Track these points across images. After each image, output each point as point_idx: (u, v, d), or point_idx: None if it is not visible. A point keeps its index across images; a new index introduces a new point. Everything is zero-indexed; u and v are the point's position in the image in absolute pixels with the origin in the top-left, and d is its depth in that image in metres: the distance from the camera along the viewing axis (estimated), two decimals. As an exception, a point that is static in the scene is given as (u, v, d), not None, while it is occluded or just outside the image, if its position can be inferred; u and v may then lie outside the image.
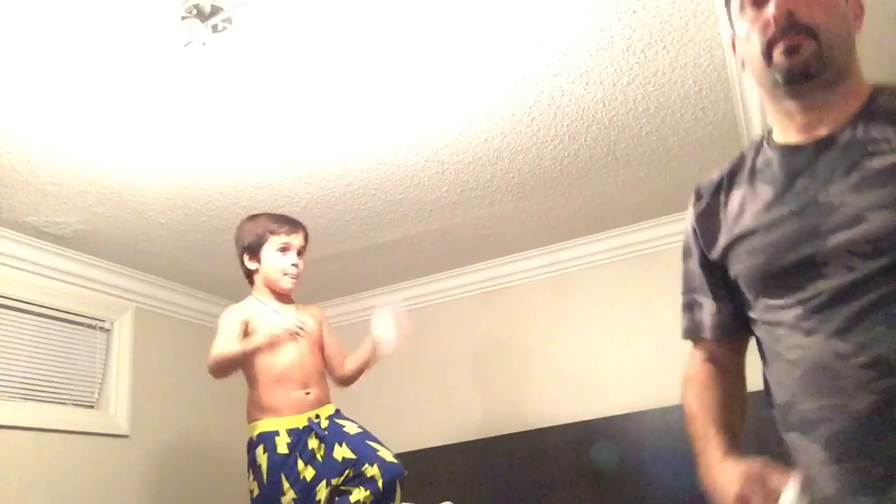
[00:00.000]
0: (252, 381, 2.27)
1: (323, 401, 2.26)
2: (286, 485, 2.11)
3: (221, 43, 1.89)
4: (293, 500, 2.11)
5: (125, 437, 3.16)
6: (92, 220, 2.80)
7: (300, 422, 2.17)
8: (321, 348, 2.34)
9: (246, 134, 2.38)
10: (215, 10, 1.78)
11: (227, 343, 2.17)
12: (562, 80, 2.25)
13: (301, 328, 2.15)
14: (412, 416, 3.68)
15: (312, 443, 2.15)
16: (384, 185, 2.78)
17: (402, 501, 3.18)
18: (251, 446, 2.20)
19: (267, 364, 2.22)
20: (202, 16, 1.78)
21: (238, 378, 3.99)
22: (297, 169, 2.62)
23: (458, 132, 2.48)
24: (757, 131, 2.48)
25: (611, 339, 3.32)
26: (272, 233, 2.29)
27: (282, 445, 2.14)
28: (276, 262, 2.28)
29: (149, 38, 1.88)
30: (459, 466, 3.40)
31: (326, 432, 2.18)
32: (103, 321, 3.23)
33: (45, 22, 1.79)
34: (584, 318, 3.36)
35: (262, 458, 2.14)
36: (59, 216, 2.75)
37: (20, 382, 2.84)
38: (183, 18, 1.78)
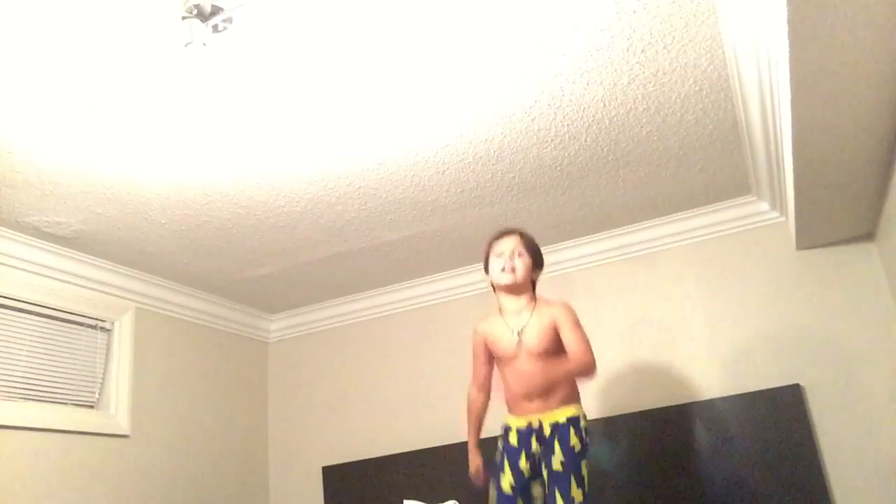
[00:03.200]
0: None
1: (549, 406, 2.32)
2: (507, 467, 2.33)
3: (222, 43, 1.89)
4: (510, 485, 2.31)
5: (125, 437, 3.16)
6: (92, 220, 2.81)
7: (523, 423, 2.34)
8: (552, 353, 2.34)
9: (246, 134, 2.38)
10: (216, 10, 1.78)
11: (471, 386, 2.53)
12: (562, 80, 2.25)
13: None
14: (414, 416, 3.68)
15: (534, 445, 2.31)
16: (384, 185, 2.78)
17: (406, 499, 3.20)
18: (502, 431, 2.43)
19: (502, 376, 2.46)
20: (203, 16, 1.78)
21: (242, 379, 4.00)
22: (297, 169, 2.62)
23: (459, 132, 2.49)
24: (757, 131, 2.48)
25: (610, 340, 3.32)
26: (489, 245, 2.50)
27: (513, 437, 2.35)
28: (493, 266, 2.46)
29: (149, 38, 1.88)
30: (463, 466, 3.39)
31: (546, 442, 2.30)
32: (103, 321, 3.23)
33: (46, 22, 1.79)
34: (584, 318, 3.35)
35: (500, 443, 2.39)
36: (60, 216, 2.75)
37: (20, 382, 2.84)
38: (183, 18, 1.78)
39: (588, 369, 2.28)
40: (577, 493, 2.23)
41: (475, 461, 2.49)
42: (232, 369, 3.88)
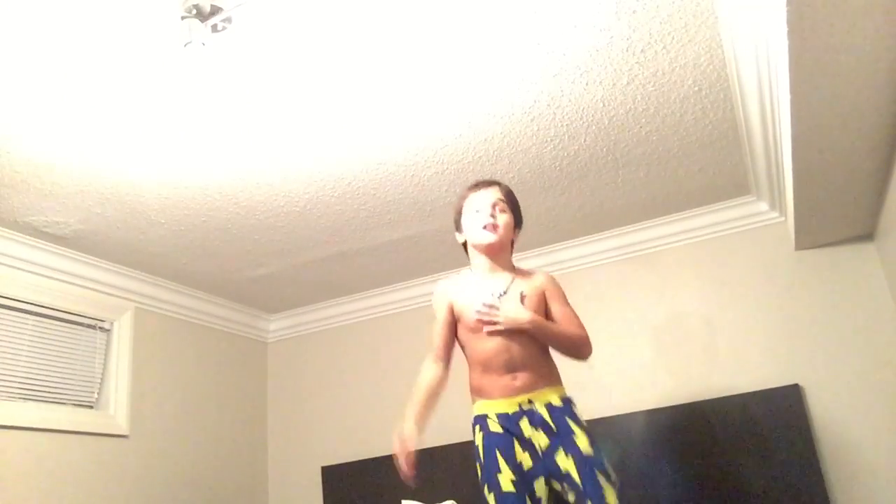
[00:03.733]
0: (468, 361, 2.13)
1: (537, 385, 1.99)
2: (502, 462, 1.92)
3: (221, 43, 1.89)
4: (511, 480, 1.89)
5: (125, 437, 3.16)
6: (92, 220, 2.80)
7: (510, 407, 1.97)
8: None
9: (246, 134, 2.38)
10: (215, 10, 1.78)
11: (428, 354, 2.15)
12: (561, 80, 2.25)
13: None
14: (412, 416, 3.68)
15: (527, 429, 1.94)
16: (384, 185, 2.78)
17: (403, 500, 3.16)
18: (472, 428, 2.08)
19: (473, 349, 2.07)
20: (202, 16, 1.78)
21: (241, 379, 3.99)
22: (296, 169, 2.62)
23: (458, 132, 2.49)
24: (757, 131, 2.48)
25: (610, 339, 3.32)
26: (463, 199, 2.17)
27: (494, 426, 1.97)
28: (470, 224, 2.12)
29: (149, 38, 1.88)
30: (462, 466, 3.39)
31: (553, 426, 1.93)
32: (103, 321, 3.23)
33: (46, 22, 1.79)
34: (584, 319, 3.35)
35: (479, 437, 2.01)
36: (59, 216, 2.75)
37: (20, 382, 2.84)
38: (183, 18, 1.78)
39: (586, 344, 2.04)
40: (616, 477, 1.89)
41: (410, 442, 2.02)
42: (231, 369, 3.88)
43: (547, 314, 2.08)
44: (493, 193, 2.11)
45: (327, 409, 3.91)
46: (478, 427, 2.02)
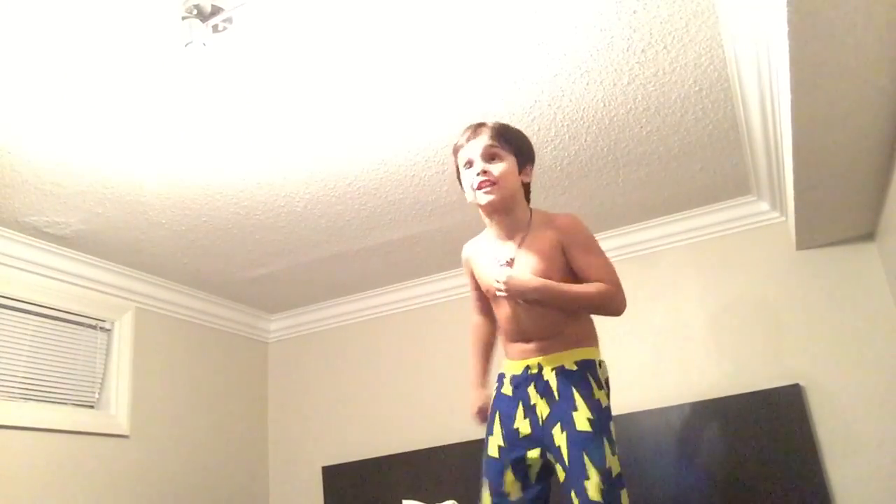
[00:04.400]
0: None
1: (553, 348, 1.81)
2: (497, 425, 1.84)
3: (222, 43, 1.89)
4: (498, 446, 1.81)
5: (125, 437, 3.16)
6: (92, 220, 2.81)
7: (519, 368, 1.85)
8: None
9: (246, 134, 2.38)
10: (216, 10, 1.78)
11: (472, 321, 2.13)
12: (562, 80, 2.25)
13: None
14: (413, 416, 3.68)
15: (534, 396, 1.79)
16: (384, 185, 2.78)
17: (404, 499, 3.16)
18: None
19: (496, 315, 1.97)
20: (203, 16, 1.78)
21: (241, 379, 3.99)
22: (297, 169, 2.62)
23: (459, 132, 2.48)
24: (757, 131, 2.48)
25: (610, 340, 3.31)
26: (455, 153, 1.92)
27: (506, 387, 1.87)
28: (465, 183, 1.87)
29: (149, 38, 1.88)
30: (462, 467, 3.40)
31: (556, 394, 1.77)
32: (103, 321, 3.23)
33: (46, 22, 1.79)
34: (585, 318, 3.35)
35: (493, 396, 1.93)
36: (59, 216, 2.75)
37: (20, 382, 2.84)
38: (183, 18, 1.78)
39: (613, 297, 1.82)
40: (613, 462, 1.72)
41: (476, 400, 1.96)
42: (232, 369, 3.88)
43: (569, 265, 1.85)
44: (482, 140, 1.82)
45: (327, 409, 3.91)
46: (496, 386, 1.93)
